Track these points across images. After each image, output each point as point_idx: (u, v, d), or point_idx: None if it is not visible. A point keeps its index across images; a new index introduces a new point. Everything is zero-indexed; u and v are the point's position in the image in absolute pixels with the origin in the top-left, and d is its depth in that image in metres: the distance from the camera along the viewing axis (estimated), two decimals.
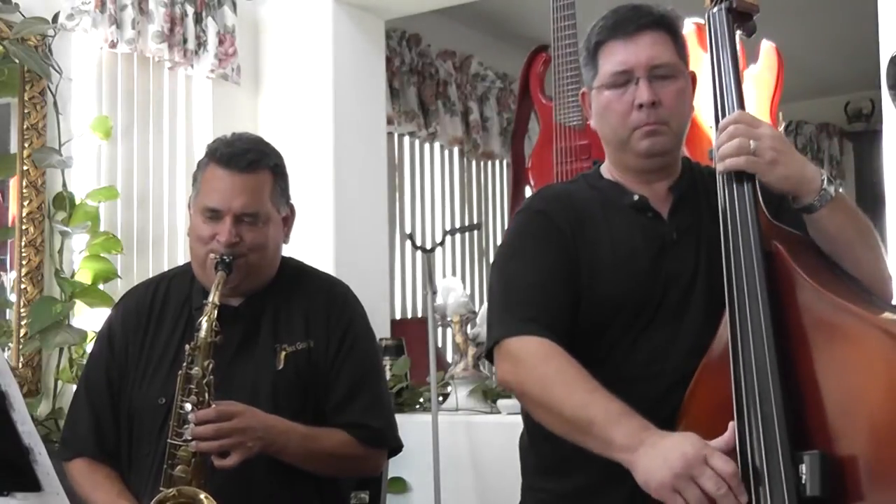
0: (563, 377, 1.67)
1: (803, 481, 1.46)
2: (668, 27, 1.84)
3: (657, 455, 1.52)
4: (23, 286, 3.27)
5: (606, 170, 1.92)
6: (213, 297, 2.02)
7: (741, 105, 1.71)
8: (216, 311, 2.02)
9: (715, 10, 1.76)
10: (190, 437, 1.95)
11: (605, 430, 1.59)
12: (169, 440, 1.99)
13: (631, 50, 1.80)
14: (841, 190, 1.70)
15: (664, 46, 1.81)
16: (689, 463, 1.49)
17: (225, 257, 2.06)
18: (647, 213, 1.85)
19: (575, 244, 1.82)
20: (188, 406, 1.97)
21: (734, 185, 1.67)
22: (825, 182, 1.65)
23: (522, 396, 1.77)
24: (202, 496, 1.93)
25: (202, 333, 2.00)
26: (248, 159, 2.11)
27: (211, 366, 1.99)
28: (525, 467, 1.94)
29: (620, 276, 1.79)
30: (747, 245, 1.62)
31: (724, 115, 1.72)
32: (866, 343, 1.50)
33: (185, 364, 2.00)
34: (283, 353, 2.14)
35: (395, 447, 2.25)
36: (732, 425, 1.53)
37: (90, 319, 3.34)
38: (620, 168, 1.89)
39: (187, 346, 2.01)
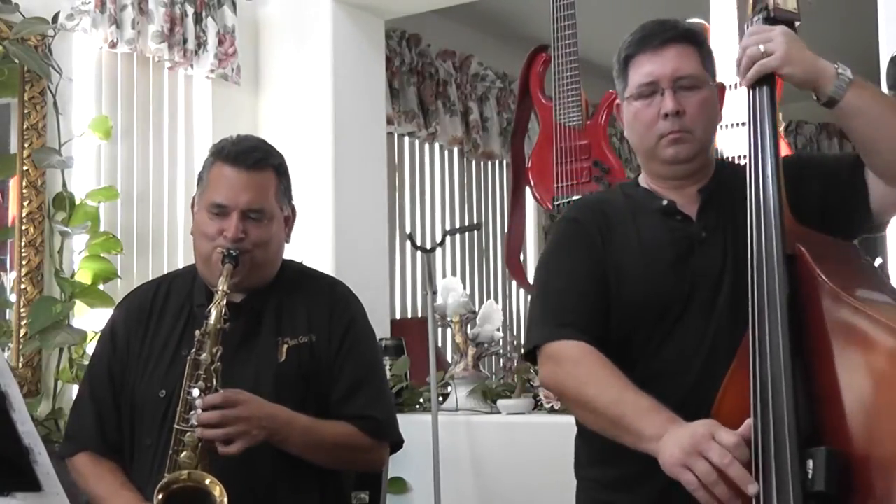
0: (596, 377, 1.78)
1: (810, 476, 1.49)
2: (694, 40, 1.92)
3: (674, 438, 1.60)
4: (23, 286, 3.27)
5: (643, 178, 2.01)
6: (223, 286, 2.07)
7: (773, 114, 1.74)
8: (226, 299, 2.06)
9: (755, 19, 1.80)
10: (196, 423, 1.98)
11: (635, 423, 1.69)
12: (175, 426, 2.01)
13: (657, 62, 1.89)
14: None
15: (689, 59, 1.90)
16: (697, 440, 1.56)
17: (231, 251, 2.11)
18: (675, 217, 1.91)
19: (605, 250, 1.91)
20: (196, 392, 2.01)
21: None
22: (840, 67, 1.71)
23: (562, 396, 1.97)
24: (208, 480, 1.96)
25: (212, 320, 2.04)
26: (255, 157, 2.17)
27: (219, 352, 2.03)
28: (577, 459, 2.04)
29: (646, 279, 1.87)
30: (770, 246, 1.65)
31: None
32: (883, 349, 1.51)
33: (193, 350, 2.04)
34: (286, 346, 2.18)
35: (397, 441, 2.29)
36: (748, 422, 1.58)
37: (90, 319, 3.34)
38: (651, 176, 1.98)
39: (197, 333, 2.05)
